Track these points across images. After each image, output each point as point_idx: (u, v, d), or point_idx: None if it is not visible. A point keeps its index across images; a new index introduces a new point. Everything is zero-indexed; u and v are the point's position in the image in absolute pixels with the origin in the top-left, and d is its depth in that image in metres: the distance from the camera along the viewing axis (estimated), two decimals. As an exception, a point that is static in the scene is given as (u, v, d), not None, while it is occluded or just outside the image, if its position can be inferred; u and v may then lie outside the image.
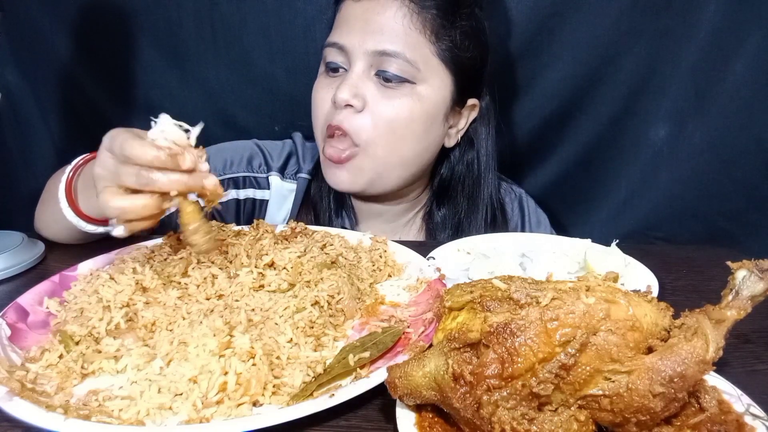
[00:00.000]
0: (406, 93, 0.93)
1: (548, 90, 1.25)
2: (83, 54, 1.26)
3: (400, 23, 0.91)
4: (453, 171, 1.09)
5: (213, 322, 0.58)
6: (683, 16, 1.13)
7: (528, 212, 1.20)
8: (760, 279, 0.48)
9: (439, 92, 0.96)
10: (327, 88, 0.97)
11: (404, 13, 0.91)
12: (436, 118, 0.98)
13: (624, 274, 0.79)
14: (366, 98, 0.93)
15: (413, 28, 0.92)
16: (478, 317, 0.45)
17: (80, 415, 0.48)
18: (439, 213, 1.11)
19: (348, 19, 0.95)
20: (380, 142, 0.94)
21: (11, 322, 0.62)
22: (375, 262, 0.81)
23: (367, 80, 0.93)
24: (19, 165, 1.33)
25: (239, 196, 1.11)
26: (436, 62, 0.95)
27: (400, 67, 0.92)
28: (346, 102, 0.92)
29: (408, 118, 0.94)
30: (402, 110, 0.93)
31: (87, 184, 0.77)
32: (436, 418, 0.47)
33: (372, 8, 0.92)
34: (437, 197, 1.12)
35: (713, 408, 0.45)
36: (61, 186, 0.79)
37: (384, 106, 0.93)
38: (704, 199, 1.22)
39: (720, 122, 1.17)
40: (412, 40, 0.92)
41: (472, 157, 1.08)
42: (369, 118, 0.93)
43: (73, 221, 0.79)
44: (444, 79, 0.96)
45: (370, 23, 0.92)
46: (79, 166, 0.80)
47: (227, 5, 1.22)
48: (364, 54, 0.92)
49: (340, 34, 0.95)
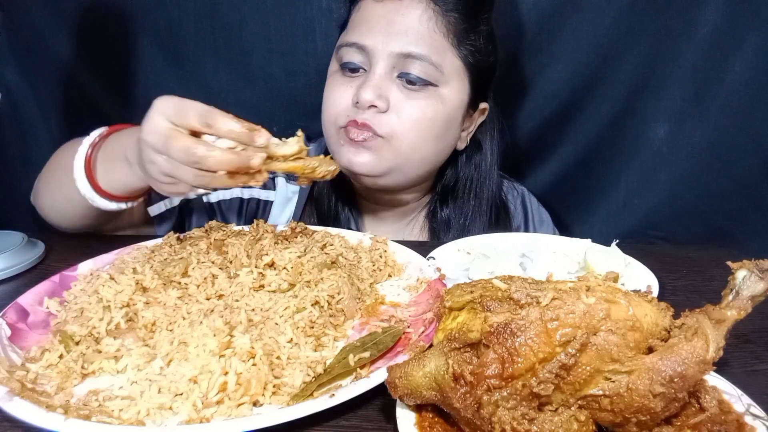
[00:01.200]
0: (429, 95, 0.94)
1: (548, 90, 1.25)
2: (83, 54, 1.26)
3: (425, 26, 0.91)
4: (459, 173, 1.10)
5: (213, 322, 0.58)
6: (683, 16, 1.13)
7: (531, 210, 1.20)
8: (760, 279, 0.48)
9: (459, 95, 0.97)
10: (344, 86, 0.96)
11: (429, 16, 0.91)
12: (455, 120, 0.99)
13: (624, 274, 0.79)
14: (390, 99, 0.92)
15: (438, 31, 0.92)
16: (478, 317, 0.45)
17: (80, 415, 0.48)
18: (443, 213, 1.11)
19: (369, 19, 0.94)
20: (405, 139, 0.94)
21: (11, 322, 0.62)
22: (375, 262, 0.81)
23: (389, 82, 0.93)
24: (18, 165, 1.33)
25: (243, 195, 1.11)
26: (458, 65, 0.95)
27: (424, 69, 0.92)
28: (370, 103, 0.91)
29: (432, 119, 0.94)
30: (426, 111, 0.93)
31: (111, 157, 0.80)
32: (436, 418, 0.47)
33: (396, 9, 0.92)
34: (442, 197, 1.12)
35: (713, 408, 0.45)
36: (79, 160, 0.80)
37: (408, 107, 0.93)
38: (703, 198, 1.22)
39: (719, 122, 1.17)
40: (437, 44, 0.92)
41: (479, 159, 1.09)
42: (395, 118, 0.93)
43: (87, 195, 0.80)
44: (464, 82, 0.97)
45: (394, 25, 0.91)
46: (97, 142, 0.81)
47: (227, 5, 1.22)
48: (387, 55, 0.92)
49: (360, 34, 0.94)
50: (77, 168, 0.80)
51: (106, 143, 0.82)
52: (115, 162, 0.80)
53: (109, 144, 0.82)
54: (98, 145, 0.82)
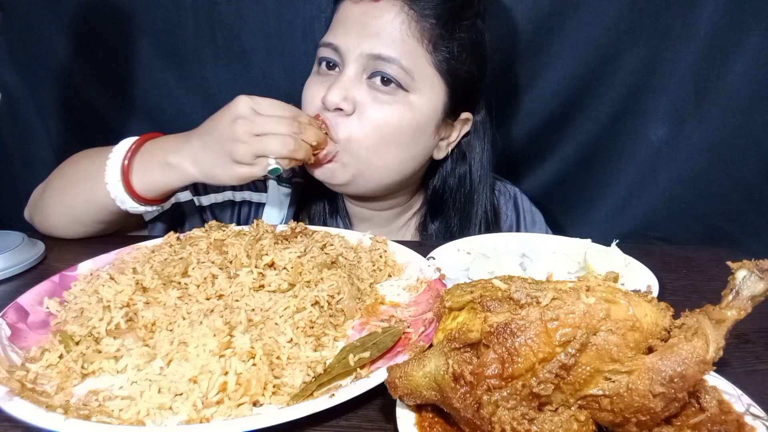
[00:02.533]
0: (398, 100, 0.92)
1: (547, 89, 1.25)
2: (82, 54, 1.26)
3: (398, 29, 0.90)
4: (444, 183, 1.08)
5: (213, 322, 0.58)
6: (682, 15, 1.13)
7: (523, 212, 1.19)
8: (760, 279, 0.48)
9: (431, 103, 0.95)
10: (318, 85, 0.96)
11: (402, 20, 0.90)
12: (426, 128, 0.96)
13: (624, 274, 0.79)
14: (356, 101, 0.91)
15: (411, 35, 0.90)
16: (478, 317, 0.45)
17: (80, 415, 0.48)
18: (433, 226, 1.10)
19: (345, 20, 0.94)
20: (364, 143, 0.92)
21: (11, 322, 0.62)
22: (375, 262, 0.81)
23: (359, 83, 0.92)
24: (17, 165, 1.33)
25: (235, 198, 1.10)
26: (431, 72, 0.93)
27: (394, 73, 0.90)
28: (336, 105, 0.90)
29: (397, 125, 0.92)
30: (392, 117, 0.92)
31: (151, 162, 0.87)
32: (436, 418, 0.47)
33: (370, 11, 0.91)
34: (431, 209, 1.11)
35: (713, 408, 0.45)
36: (114, 166, 0.86)
37: (374, 110, 0.91)
38: (703, 198, 1.22)
39: (719, 122, 1.17)
40: (409, 48, 0.91)
41: (464, 171, 1.07)
42: (356, 122, 0.92)
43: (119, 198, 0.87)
44: (438, 90, 0.95)
45: (367, 26, 0.91)
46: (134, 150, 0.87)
47: (227, 5, 1.22)
48: (358, 56, 0.91)
49: (335, 34, 0.94)
50: (111, 173, 0.86)
51: (144, 150, 0.88)
52: (155, 167, 0.87)
53: (148, 150, 0.88)
54: (136, 150, 0.87)
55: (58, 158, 0.96)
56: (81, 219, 0.92)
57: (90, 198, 0.89)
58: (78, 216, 0.92)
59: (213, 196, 1.09)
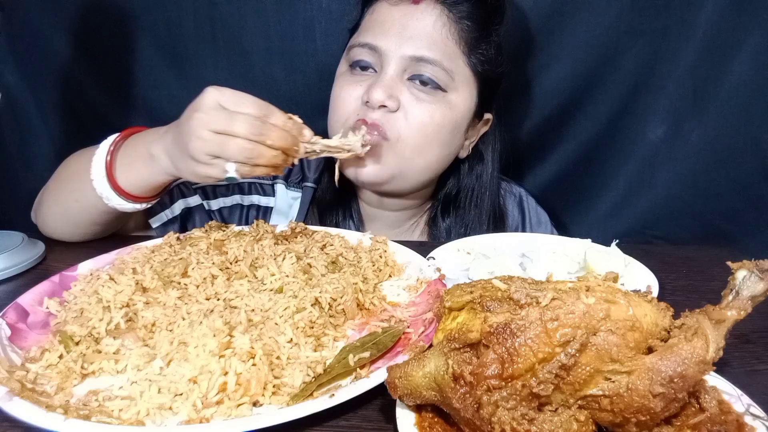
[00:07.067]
0: (438, 100, 0.94)
1: (547, 89, 1.25)
2: (83, 54, 1.26)
3: (439, 32, 0.92)
4: (461, 182, 1.10)
5: (213, 322, 0.58)
6: (682, 15, 1.13)
7: (528, 212, 1.20)
8: (760, 279, 0.48)
9: (467, 103, 0.98)
10: (354, 85, 0.96)
11: (443, 23, 0.92)
12: (460, 128, 0.99)
13: (624, 274, 0.79)
14: (400, 100, 0.93)
15: (450, 38, 0.93)
16: (478, 317, 0.45)
17: (80, 415, 0.48)
18: (445, 222, 1.11)
19: (383, 22, 0.95)
20: (410, 142, 0.94)
21: (11, 322, 0.62)
22: (375, 262, 0.81)
23: (400, 84, 0.93)
24: (18, 165, 1.33)
25: (243, 202, 1.11)
26: (468, 73, 0.96)
27: (436, 74, 0.93)
28: (381, 102, 0.91)
29: (439, 124, 0.95)
30: (434, 116, 0.94)
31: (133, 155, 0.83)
32: (436, 418, 0.47)
33: (411, 14, 0.93)
34: (443, 206, 1.12)
35: (713, 408, 0.45)
36: (98, 162, 0.83)
37: (417, 109, 0.93)
38: (701, 198, 1.22)
39: (718, 122, 1.17)
40: (449, 50, 0.93)
41: (481, 169, 1.10)
42: (403, 120, 0.93)
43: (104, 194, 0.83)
44: (472, 90, 0.98)
45: (408, 28, 0.92)
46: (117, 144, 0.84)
47: (227, 5, 1.22)
48: (400, 58, 0.92)
49: (374, 35, 0.95)
50: (96, 169, 0.83)
51: (127, 143, 0.85)
52: (137, 159, 0.83)
53: (131, 144, 0.85)
54: (119, 145, 0.85)
55: (59, 158, 0.96)
56: (75, 220, 0.92)
57: (80, 197, 0.87)
58: (72, 217, 0.92)
59: (222, 200, 1.09)
